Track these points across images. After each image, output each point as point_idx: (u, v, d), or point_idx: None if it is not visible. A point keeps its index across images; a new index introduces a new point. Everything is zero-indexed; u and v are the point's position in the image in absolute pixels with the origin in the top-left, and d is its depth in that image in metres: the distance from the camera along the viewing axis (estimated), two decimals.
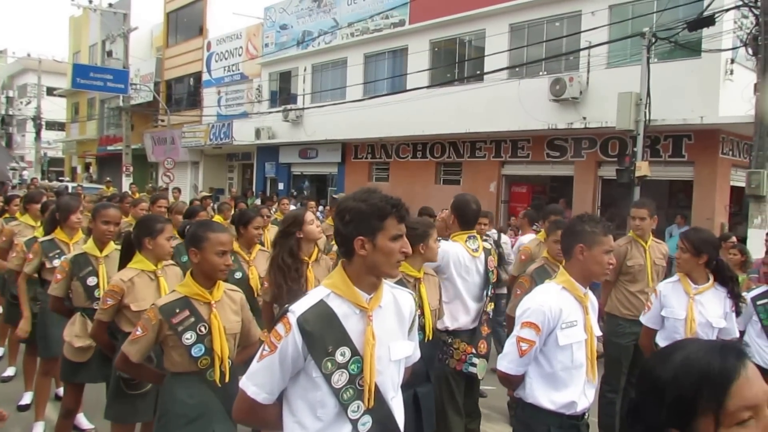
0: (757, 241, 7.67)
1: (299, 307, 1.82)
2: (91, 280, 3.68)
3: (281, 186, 22.03)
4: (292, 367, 1.81)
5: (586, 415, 2.66)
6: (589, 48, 12.25)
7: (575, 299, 2.59)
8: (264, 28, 22.20)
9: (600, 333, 2.78)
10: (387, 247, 1.84)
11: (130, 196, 9.95)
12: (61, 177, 35.94)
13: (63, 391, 4.20)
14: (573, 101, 12.86)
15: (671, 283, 3.66)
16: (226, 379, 2.66)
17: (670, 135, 12.23)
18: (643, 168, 10.82)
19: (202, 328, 2.62)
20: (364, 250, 1.84)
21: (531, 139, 14.60)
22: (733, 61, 11.26)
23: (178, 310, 2.60)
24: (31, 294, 4.48)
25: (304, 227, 3.57)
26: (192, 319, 2.60)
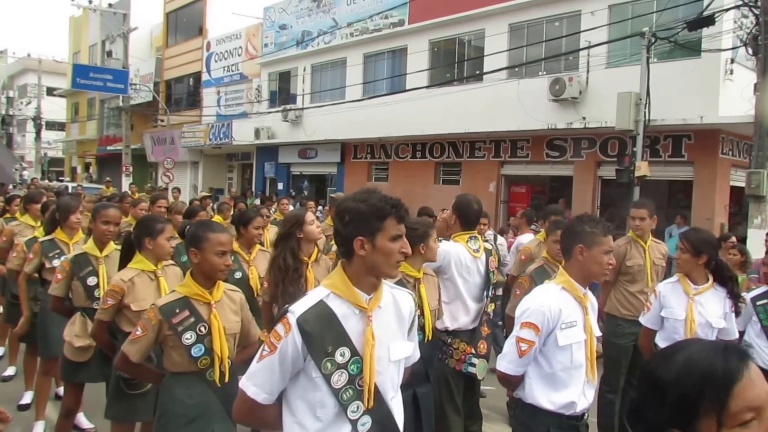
0: (757, 242, 7.67)
1: (299, 308, 1.82)
2: (91, 280, 3.69)
3: (281, 186, 22.01)
4: (291, 367, 1.81)
5: (586, 415, 2.66)
6: (588, 48, 12.23)
7: (575, 299, 2.59)
8: (263, 28, 22.18)
9: (599, 333, 2.78)
10: (386, 247, 1.84)
11: (130, 196, 9.95)
12: (61, 177, 36.03)
13: (63, 391, 4.21)
14: (572, 101, 12.83)
15: (671, 284, 3.65)
16: (226, 379, 2.67)
17: (670, 135, 12.21)
18: (642, 168, 10.80)
19: (202, 328, 2.62)
20: (364, 250, 1.84)
21: (530, 139, 14.58)
22: (733, 61, 11.24)
23: (178, 310, 2.61)
24: (32, 294, 4.49)
25: (304, 227, 3.57)
26: (192, 319, 2.61)
